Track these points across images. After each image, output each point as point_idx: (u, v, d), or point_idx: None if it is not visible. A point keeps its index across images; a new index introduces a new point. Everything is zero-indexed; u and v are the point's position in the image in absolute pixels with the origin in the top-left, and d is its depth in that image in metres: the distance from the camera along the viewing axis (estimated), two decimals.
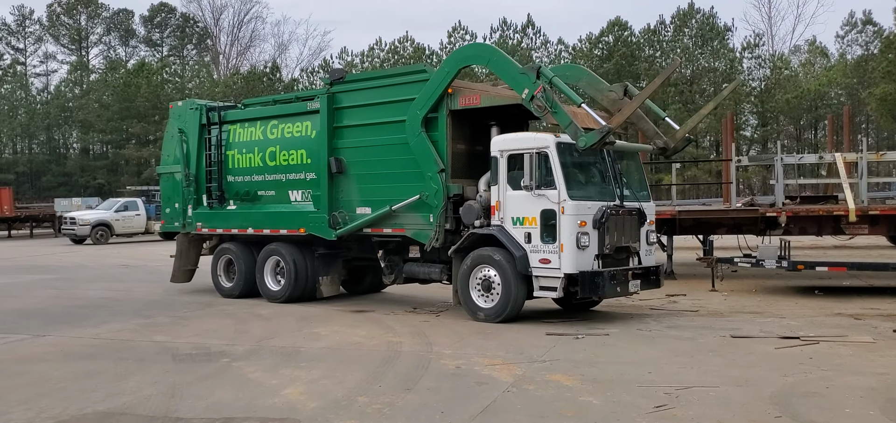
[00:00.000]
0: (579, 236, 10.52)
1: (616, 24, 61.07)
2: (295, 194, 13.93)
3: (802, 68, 63.27)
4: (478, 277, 11.34)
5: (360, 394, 7.26)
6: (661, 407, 6.63)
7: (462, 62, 12.24)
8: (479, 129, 12.05)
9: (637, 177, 12.20)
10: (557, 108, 10.69)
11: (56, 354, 9.50)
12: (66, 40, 76.46)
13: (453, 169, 11.99)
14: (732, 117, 22.56)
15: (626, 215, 11.21)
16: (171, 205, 15.70)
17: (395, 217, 12.46)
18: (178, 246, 16.00)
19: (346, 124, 13.20)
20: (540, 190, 10.72)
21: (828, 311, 12.10)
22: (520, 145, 11.11)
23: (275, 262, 14.04)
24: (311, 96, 14.09)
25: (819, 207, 15.77)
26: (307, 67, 73.03)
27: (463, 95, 11.94)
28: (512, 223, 11.08)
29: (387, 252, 13.06)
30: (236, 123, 14.84)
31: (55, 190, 58.21)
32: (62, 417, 6.60)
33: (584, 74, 13.34)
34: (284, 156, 13.96)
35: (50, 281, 18.52)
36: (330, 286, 14.17)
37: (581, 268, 10.55)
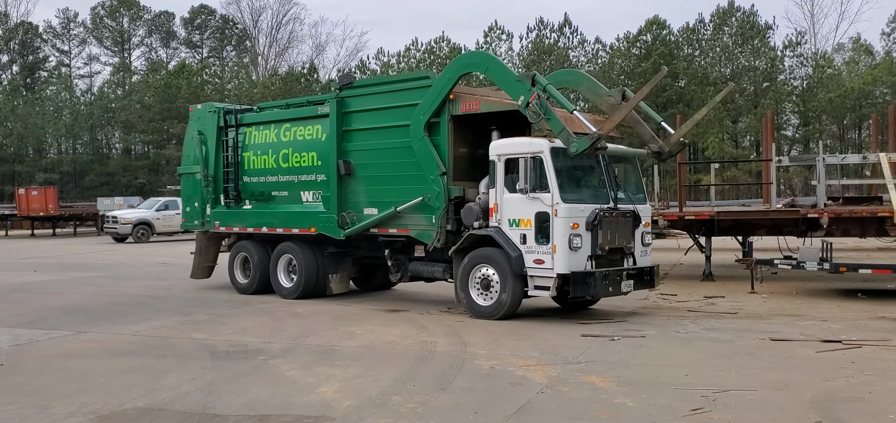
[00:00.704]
0: (572, 237, 10.92)
1: (654, 22, 60.48)
2: (306, 195, 14.40)
3: (846, 67, 61.94)
4: (477, 276, 11.75)
5: (393, 393, 7.28)
6: (697, 410, 6.55)
7: (462, 69, 12.72)
8: (480, 133, 12.37)
9: (633, 180, 12.53)
10: (551, 114, 11.11)
11: (98, 350, 9.69)
12: (109, 42, 78.06)
13: (455, 172, 12.42)
14: (773, 117, 22.18)
15: (619, 218, 11.55)
16: (191, 204, 16.27)
17: (399, 218, 12.88)
18: (198, 244, 16.68)
19: (355, 128, 13.65)
20: (534, 193, 11.11)
21: (871, 314, 11.84)
22: (516, 150, 11.47)
23: (288, 260, 14.58)
24: (321, 101, 14.51)
25: (862, 209, 15.44)
26: (344, 68, 73.56)
27: (464, 100, 12.34)
28: (508, 225, 11.46)
29: (393, 251, 13.54)
30: (252, 125, 15.34)
31: (98, 190, 59.38)
32: (103, 412, 6.72)
33: (584, 80, 13.82)
34: (296, 158, 14.44)
35: (92, 279, 18.88)
36: (339, 284, 14.64)
37: (573, 268, 10.93)
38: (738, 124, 57.26)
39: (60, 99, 70.80)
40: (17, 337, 10.55)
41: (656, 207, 19.41)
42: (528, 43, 66.43)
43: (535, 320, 11.66)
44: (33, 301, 14.51)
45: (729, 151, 52.16)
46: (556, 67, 62.76)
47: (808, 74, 58.13)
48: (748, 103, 56.85)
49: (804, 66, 58.48)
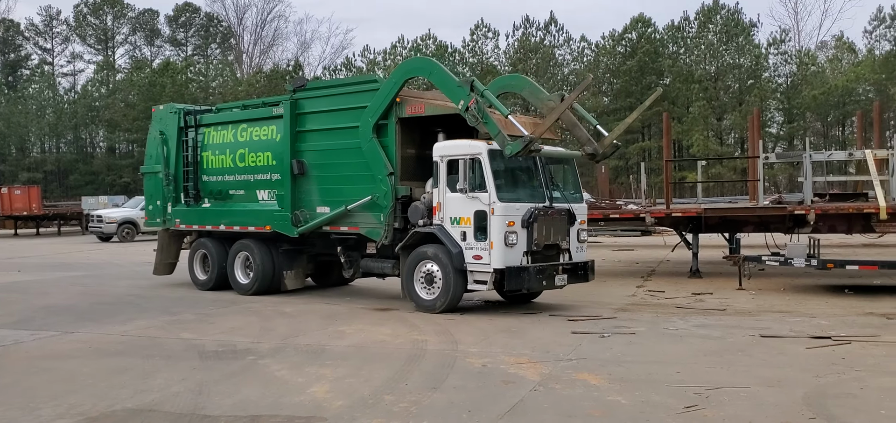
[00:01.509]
0: (507, 234, 11.45)
1: (639, 20, 60.71)
2: (262, 194, 14.90)
3: (829, 64, 62.38)
4: (421, 271, 12.26)
5: (386, 393, 7.23)
6: (691, 408, 6.55)
7: (407, 74, 13.06)
8: (428, 135, 12.79)
9: (571, 180, 13.18)
10: (488, 118, 11.65)
11: (85, 350, 9.58)
12: (92, 40, 77.41)
13: (403, 172, 12.91)
14: (759, 114, 22.30)
15: (555, 216, 12.10)
16: (153, 202, 16.72)
17: (350, 216, 13.38)
18: (160, 241, 17.20)
19: (308, 129, 14.11)
20: (473, 193, 11.65)
21: (859, 310, 11.91)
22: (456, 152, 11.98)
23: (244, 257, 15.06)
24: (275, 102, 14.90)
25: (849, 205, 15.52)
26: (329, 65, 73.36)
27: (410, 104, 12.87)
28: (450, 223, 12.00)
29: (346, 248, 14.14)
30: (210, 126, 15.79)
31: (82, 189, 58.91)
32: (91, 413, 6.64)
33: (527, 84, 14.31)
34: (252, 158, 14.91)
35: (78, 278, 18.71)
36: (294, 280, 15.17)
37: (509, 264, 11.45)
38: (723, 122, 57.55)
39: (43, 97, 70.18)
40: (2, 338, 10.42)
41: (643, 205, 19.48)
42: (514, 41, 66.40)
43: (525, 317, 11.66)
44: (18, 301, 14.35)
45: (713, 149, 52.39)
46: (541, 66, 62.92)
47: (792, 71, 58.56)
48: (733, 101, 57.16)
49: (788, 63, 58.92)
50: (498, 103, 12.05)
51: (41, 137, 70.79)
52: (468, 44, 66.98)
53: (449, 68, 13.19)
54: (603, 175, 28.70)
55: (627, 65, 58.77)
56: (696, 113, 53.92)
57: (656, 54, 59.18)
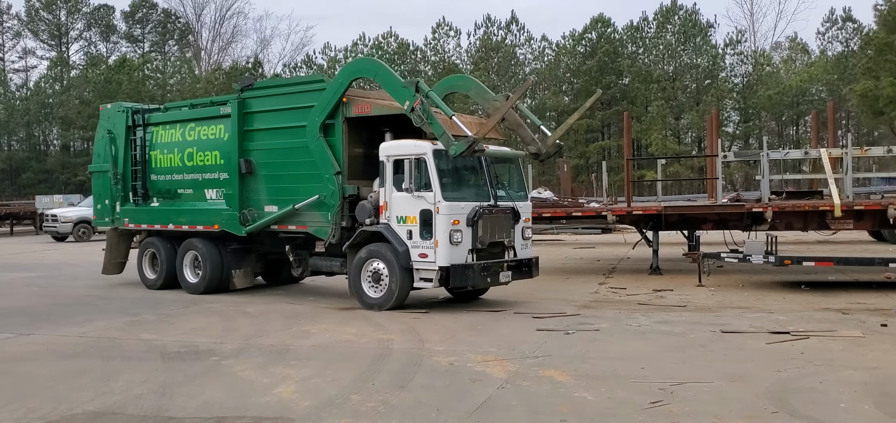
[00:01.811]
0: (452, 232, 11.65)
1: (599, 20, 61.27)
2: (210, 193, 14.94)
3: (784, 65, 63.74)
4: (368, 269, 12.37)
5: (353, 392, 7.19)
6: (656, 403, 6.62)
7: (353, 75, 13.29)
8: (375, 134, 12.86)
9: (516, 179, 13.39)
10: (433, 119, 11.81)
11: (42, 353, 9.37)
12: (45, 36, 75.55)
13: (351, 171, 13.04)
14: (717, 114, 22.66)
15: (499, 214, 12.31)
16: (101, 202, 16.68)
17: (298, 215, 13.47)
18: (109, 240, 17.18)
19: (256, 128, 14.17)
20: (419, 192, 11.82)
21: (815, 305, 12.16)
22: (402, 151, 12.14)
23: (193, 256, 15.09)
24: (223, 101, 14.99)
25: (805, 203, 15.85)
26: (290, 63, 72.78)
27: (356, 104, 13.00)
28: (397, 222, 12.13)
29: (294, 247, 14.23)
30: (159, 125, 15.82)
31: (35, 187, 57.59)
32: (51, 417, 6.49)
33: (473, 85, 14.56)
34: (200, 157, 14.95)
35: (33, 279, 18.29)
36: (243, 279, 15.26)
37: (454, 261, 11.64)
38: (681, 121, 58.39)
39: None
40: None
41: (605, 203, 19.68)
42: (476, 40, 66.57)
43: (491, 315, 11.69)
44: None
45: (672, 148, 53.12)
46: (503, 64, 63.18)
47: (747, 71, 59.66)
48: (690, 100, 58.03)
49: (744, 64, 60.04)
50: (442, 104, 12.26)
51: None
52: (430, 42, 67.01)
53: (411, 67, 13.42)
54: (565, 174, 28.96)
55: (587, 65, 59.31)
56: (655, 112, 54.63)
57: (616, 54, 59.83)
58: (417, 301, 13.16)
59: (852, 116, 53.59)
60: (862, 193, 20.75)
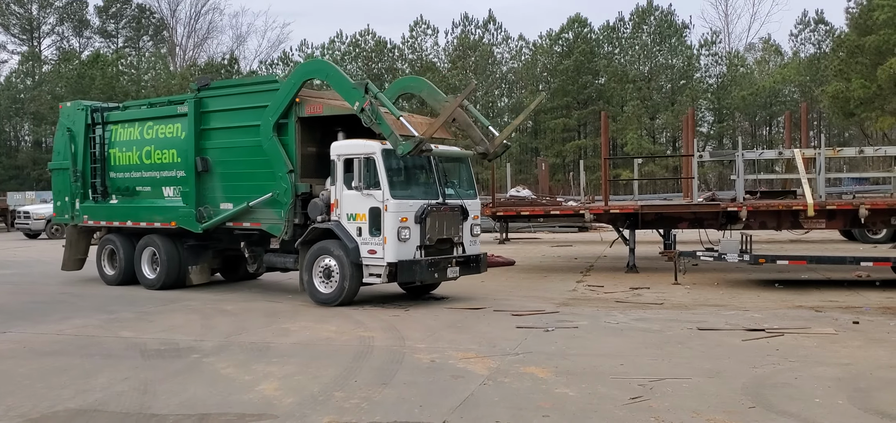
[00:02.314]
0: (400, 229, 12.00)
1: (576, 20, 61.60)
2: (167, 191, 15.19)
3: (757, 66, 64.51)
4: (320, 265, 12.67)
5: (336, 389, 7.22)
6: (636, 399, 6.72)
7: (305, 76, 13.49)
8: (329, 134, 13.14)
9: (466, 178, 13.76)
10: (381, 119, 12.15)
11: (18, 350, 9.28)
12: (16, 30, 74.43)
13: (304, 170, 13.35)
14: (693, 114, 22.91)
15: (447, 211, 12.68)
16: (61, 199, 16.89)
17: (252, 212, 13.81)
18: (68, 237, 17.45)
19: (212, 127, 14.45)
20: (368, 190, 12.17)
21: (789, 303, 12.37)
22: (352, 151, 12.47)
23: (151, 252, 15.36)
24: (181, 100, 15.22)
25: (779, 202, 16.11)
26: (266, 60, 72.38)
27: (309, 104, 13.33)
28: (347, 219, 12.48)
29: (250, 243, 14.64)
30: (118, 123, 16.03)
31: (6, 183, 56.75)
32: (32, 415, 6.45)
33: (425, 86, 15.01)
34: (158, 155, 15.22)
35: (6, 276, 18.09)
36: (200, 275, 15.58)
37: (401, 257, 12.00)
38: (656, 121, 58.87)
39: None
40: None
41: (582, 202, 19.83)
42: (454, 38, 66.62)
43: (470, 313, 11.75)
44: None
45: (647, 147, 53.57)
46: (480, 63, 63.29)
47: (722, 72, 60.28)
48: (665, 101, 58.53)
49: (718, 64, 60.67)
50: (390, 105, 12.68)
51: None
52: (407, 40, 66.93)
53: (388, 65, 13.69)
54: (543, 172, 29.12)
55: (564, 64, 59.61)
56: (631, 112, 55.05)
57: (592, 54, 60.21)
58: (378, 297, 13.22)
59: (824, 117, 54.38)
60: (834, 193, 21.11)
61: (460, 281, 13.55)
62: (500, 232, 28.78)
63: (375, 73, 63.94)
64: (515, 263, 19.51)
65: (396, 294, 13.75)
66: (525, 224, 30.56)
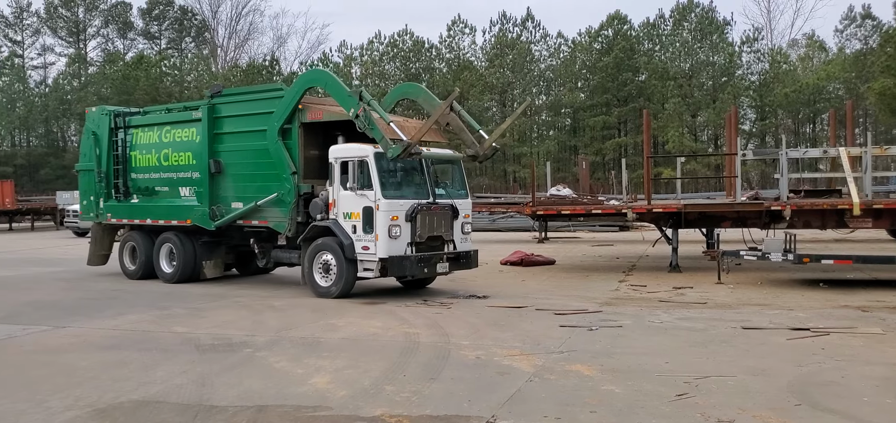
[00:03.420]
0: (391, 227, 12.80)
1: (615, 17, 61.27)
2: (184, 191, 16.15)
3: (801, 62, 63.46)
4: (319, 261, 13.54)
5: (386, 383, 7.41)
6: (682, 396, 6.81)
7: (306, 84, 14.47)
8: (331, 138, 13.95)
9: (457, 179, 14.52)
10: (373, 125, 12.95)
11: (79, 344, 9.65)
12: (64, 33, 76.37)
13: (307, 171, 14.26)
14: (736, 112, 22.72)
15: (438, 211, 13.46)
16: (87, 198, 17.93)
17: (260, 211, 14.75)
18: (93, 234, 18.52)
19: (224, 131, 15.41)
20: (361, 191, 13.00)
21: (834, 303, 12.28)
22: (347, 154, 13.31)
23: (168, 248, 16.39)
24: (195, 106, 16.20)
25: (823, 202, 15.95)
26: (306, 61, 73.11)
27: (311, 110, 14.19)
28: (343, 217, 13.31)
29: (259, 240, 15.55)
30: (138, 127, 17.06)
31: (53, 183, 58.18)
32: (99, 405, 6.75)
33: (422, 92, 15.90)
34: (175, 157, 16.20)
35: (58, 274, 18.63)
36: (213, 269, 16.54)
37: (392, 253, 12.82)
38: (697, 118, 58.30)
39: (14, 90, 69.17)
40: None
41: (624, 201, 19.81)
42: (491, 37, 66.64)
43: (512, 312, 11.87)
44: (2, 297, 14.32)
45: (688, 145, 53.09)
46: (517, 62, 63.23)
47: (764, 69, 59.45)
48: (707, 98, 57.93)
49: (761, 61, 59.82)
50: (382, 111, 13.47)
51: (11, 131, 69.79)
52: (445, 39, 67.13)
53: (425, 65, 14.22)
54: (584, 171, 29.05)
55: (603, 61, 59.32)
56: (671, 110, 54.60)
57: (632, 51, 59.84)
58: (391, 292, 13.40)
59: (870, 115, 53.35)
60: (881, 192, 20.78)
61: (500, 279, 13.78)
62: (539, 231, 28.82)
63: (413, 72, 64.30)
64: (555, 262, 19.58)
65: (437, 292, 13.95)
66: (564, 223, 30.54)
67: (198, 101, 16.29)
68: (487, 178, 59.68)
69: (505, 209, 33.33)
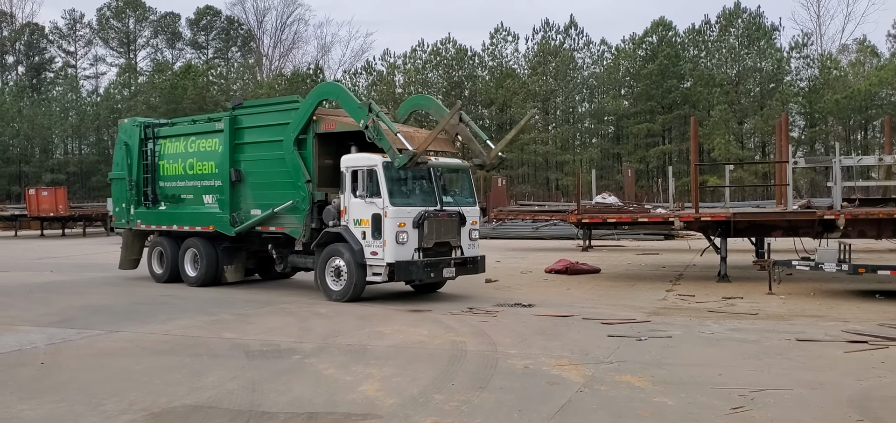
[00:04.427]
0: (398, 233, 13.27)
1: (660, 24, 60.63)
2: (207, 198, 16.83)
3: (851, 68, 62.00)
4: (331, 265, 14.05)
5: (434, 392, 7.39)
6: (737, 409, 6.66)
7: (320, 97, 15.00)
8: (344, 148, 14.43)
9: (466, 187, 14.99)
10: (381, 135, 13.54)
11: (132, 349, 9.81)
12: (115, 43, 78.29)
13: (321, 179, 14.77)
14: (787, 119, 22.27)
15: (445, 218, 13.92)
16: (119, 205, 18.80)
17: (277, 218, 15.29)
18: (124, 239, 19.29)
19: (244, 142, 16.10)
20: (371, 198, 13.51)
21: (892, 315, 11.93)
22: (358, 163, 13.86)
23: (193, 253, 17.03)
24: (218, 118, 16.85)
25: (879, 211, 15.54)
26: (350, 69, 73.73)
27: (324, 121, 14.80)
28: (353, 224, 13.83)
29: (277, 246, 16.05)
30: (166, 138, 17.80)
31: (104, 190, 59.08)
32: (153, 409, 6.84)
33: (433, 104, 16.69)
34: (199, 166, 16.91)
35: (109, 279, 18.99)
36: (234, 274, 17.04)
37: (399, 258, 13.27)
38: (744, 125, 57.33)
39: (66, 100, 71.03)
40: (51, 336, 10.67)
41: (671, 209, 19.54)
42: (534, 44, 66.47)
43: (559, 321, 11.77)
44: (57, 301, 14.64)
45: (735, 153, 52.22)
46: (560, 69, 62.92)
47: (813, 75, 58.19)
48: (754, 105, 56.94)
49: (810, 67, 58.57)
50: (390, 123, 13.97)
51: (64, 139, 71.58)
52: (487, 47, 67.16)
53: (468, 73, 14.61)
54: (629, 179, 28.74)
55: (648, 68, 58.71)
56: (718, 117, 53.78)
57: (677, 58, 59.11)
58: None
59: None
60: None
61: (545, 288, 13.71)
62: (583, 239, 28.60)
63: (456, 80, 64.39)
64: (600, 270, 19.40)
65: (482, 299, 13.90)
66: (607, 232, 30.26)
67: (221, 113, 17.21)
68: (530, 185, 59.49)
69: (548, 217, 33.16)
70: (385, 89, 63.01)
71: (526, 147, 60.00)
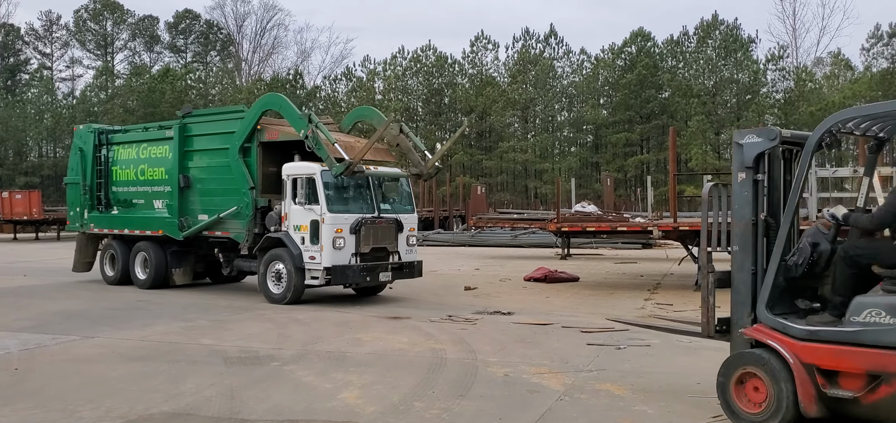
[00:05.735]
0: (335, 239, 13.86)
1: (639, 34, 61.15)
2: (157, 203, 17.36)
3: (826, 81, 62.91)
4: (272, 269, 14.59)
5: (415, 399, 7.37)
6: (717, 417, 6.71)
7: (264, 107, 15.60)
8: (289, 156, 14.99)
9: (404, 195, 15.76)
10: (320, 145, 14.17)
11: (108, 355, 9.69)
12: (92, 46, 77.49)
13: (266, 186, 15.33)
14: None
15: (382, 224, 14.57)
16: (74, 209, 19.28)
17: (222, 223, 15.85)
18: (78, 242, 19.73)
19: (193, 149, 16.67)
20: (309, 205, 14.11)
21: None
22: (297, 171, 14.47)
23: (143, 256, 17.57)
24: (169, 125, 17.45)
25: None
26: (329, 75, 73.59)
27: (268, 130, 15.40)
28: (293, 230, 14.40)
29: (223, 250, 16.48)
30: (119, 144, 18.34)
31: None
32: (130, 416, 6.76)
33: (376, 115, 17.21)
34: (150, 172, 17.45)
35: (84, 284, 18.74)
36: (182, 277, 17.54)
37: (336, 263, 13.88)
38: (721, 136, 57.93)
39: (42, 102, 70.25)
40: (25, 342, 10.51)
41: (649, 218, 19.68)
42: (514, 53, 66.74)
43: (538, 329, 11.78)
44: (31, 306, 14.44)
45: (712, 163, 52.73)
46: (540, 78, 63.23)
47: (789, 87, 58.99)
48: (731, 116, 57.57)
49: (786, 79, 59.37)
50: (328, 133, 14.55)
51: (39, 142, 70.74)
52: (468, 55, 67.33)
53: (448, 80, 14.90)
54: (608, 188, 28.91)
55: (627, 78, 59.18)
56: (695, 127, 54.31)
57: (655, 68, 59.66)
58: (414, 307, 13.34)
59: None
60: None
61: (524, 296, 13.73)
62: (562, 248, 28.69)
63: (436, 87, 64.49)
64: (579, 278, 19.47)
65: (461, 307, 13.91)
66: (586, 240, 30.39)
67: (172, 121, 17.66)
68: (509, 193, 59.64)
69: (527, 225, 33.24)
70: (365, 96, 62.95)
71: (505, 155, 60.20)
